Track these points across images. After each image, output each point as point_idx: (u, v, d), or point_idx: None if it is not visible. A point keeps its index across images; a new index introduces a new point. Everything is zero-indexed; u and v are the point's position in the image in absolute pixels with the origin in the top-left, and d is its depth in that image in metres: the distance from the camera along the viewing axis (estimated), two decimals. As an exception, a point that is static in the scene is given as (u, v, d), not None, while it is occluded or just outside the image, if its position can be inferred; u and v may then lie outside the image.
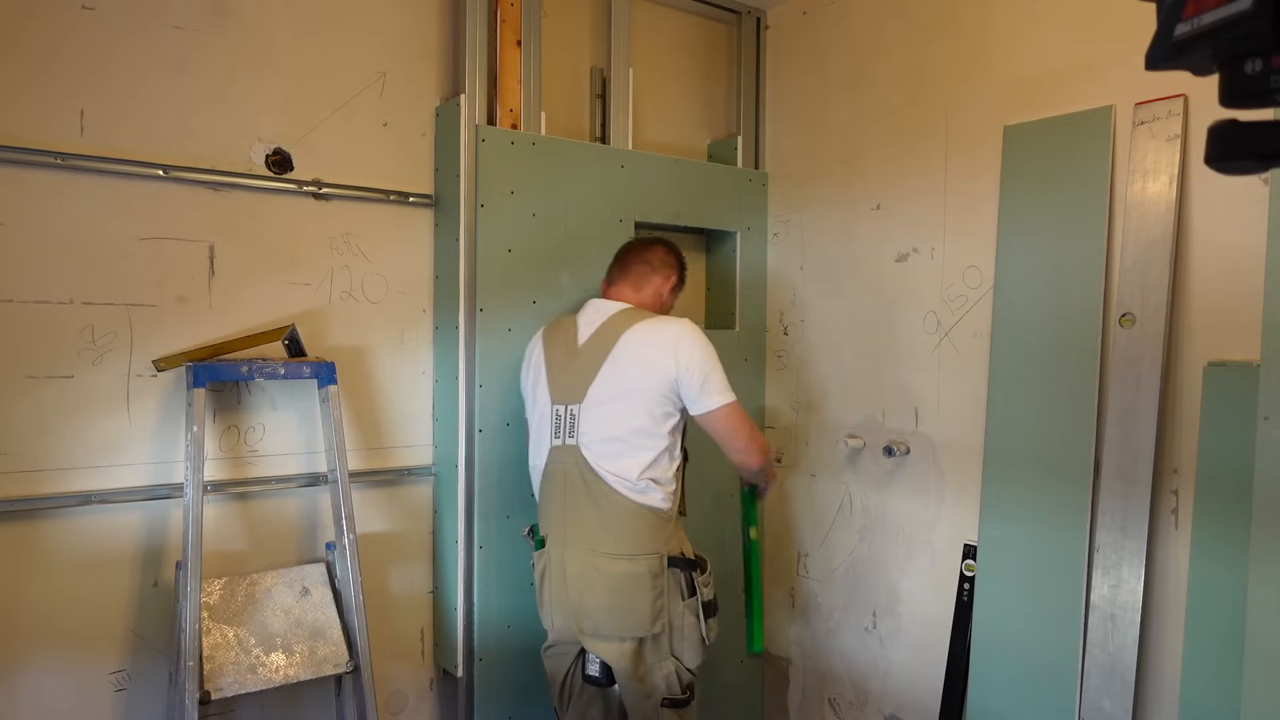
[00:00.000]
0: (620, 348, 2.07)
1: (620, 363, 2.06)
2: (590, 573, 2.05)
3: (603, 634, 2.05)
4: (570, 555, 2.08)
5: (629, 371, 2.05)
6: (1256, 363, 1.82)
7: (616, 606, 2.03)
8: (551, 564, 2.13)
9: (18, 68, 1.92)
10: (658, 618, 2.04)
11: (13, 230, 1.92)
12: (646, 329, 2.09)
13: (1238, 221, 1.90)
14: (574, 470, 2.09)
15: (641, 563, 2.03)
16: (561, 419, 2.12)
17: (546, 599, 2.15)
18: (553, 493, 2.14)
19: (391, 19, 2.42)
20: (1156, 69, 0.69)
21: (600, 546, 2.05)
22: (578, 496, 2.08)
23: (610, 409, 2.06)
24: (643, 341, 2.07)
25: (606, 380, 2.07)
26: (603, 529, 2.05)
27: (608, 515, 2.05)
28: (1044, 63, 2.26)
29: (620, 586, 2.02)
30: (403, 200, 2.43)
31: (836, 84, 2.84)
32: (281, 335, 2.23)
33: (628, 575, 2.02)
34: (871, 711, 2.73)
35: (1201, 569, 1.93)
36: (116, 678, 2.08)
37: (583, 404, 2.09)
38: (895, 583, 2.66)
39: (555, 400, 2.14)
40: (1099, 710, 2.08)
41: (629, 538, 2.03)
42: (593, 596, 2.04)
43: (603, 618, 2.05)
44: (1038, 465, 2.21)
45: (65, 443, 1.99)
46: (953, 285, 2.48)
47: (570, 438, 2.10)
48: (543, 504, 2.19)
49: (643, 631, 2.04)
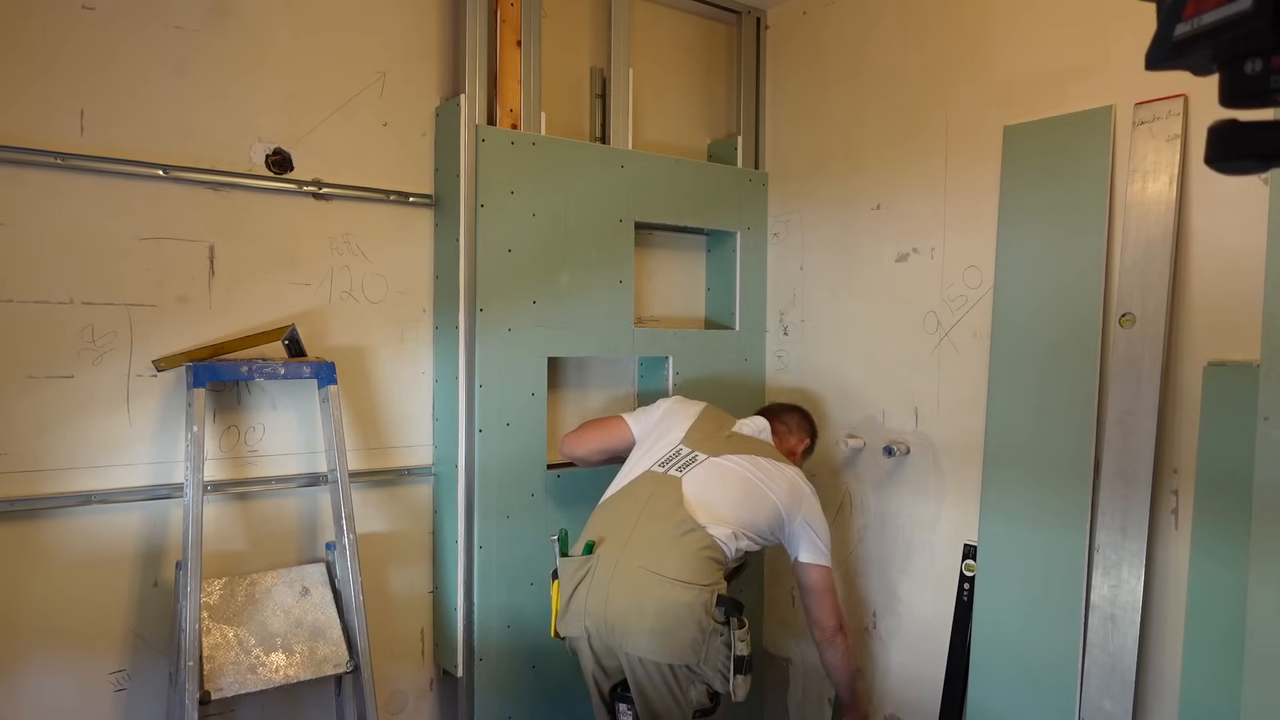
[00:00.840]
0: (771, 465, 2.24)
1: (763, 472, 2.21)
2: (641, 591, 2.01)
3: (641, 655, 2.00)
4: (622, 569, 2.04)
5: (765, 481, 2.19)
6: (1256, 363, 1.82)
7: (662, 631, 1.98)
8: (598, 572, 2.06)
9: (18, 68, 1.92)
10: (698, 649, 2.00)
11: (13, 230, 1.92)
12: (798, 477, 2.27)
13: (1238, 221, 1.90)
14: (664, 497, 2.12)
15: (695, 592, 2.00)
16: (680, 456, 2.22)
17: (577, 608, 2.08)
18: (627, 507, 2.14)
19: (391, 19, 2.42)
20: (1156, 69, 0.69)
21: (656, 567, 2.01)
22: (654, 517, 2.10)
23: (733, 475, 2.17)
24: (789, 480, 2.23)
25: (745, 462, 2.21)
26: (664, 551, 2.03)
27: (675, 538, 2.05)
28: (1044, 63, 2.26)
29: (670, 612, 1.99)
30: (403, 200, 2.43)
31: (836, 84, 2.84)
32: (281, 335, 2.23)
33: (680, 602, 1.99)
34: (871, 711, 2.73)
35: (1201, 569, 1.93)
36: (116, 678, 2.08)
37: (711, 457, 2.20)
38: (895, 583, 2.66)
39: (685, 443, 2.25)
40: (1099, 710, 2.08)
41: (689, 566, 2.02)
42: (640, 618, 2.00)
43: (646, 641, 1.99)
44: (1038, 465, 2.21)
45: (65, 443, 1.99)
46: (953, 285, 2.48)
47: (678, 471, 2.18)
48: (606, 513, 2.18)
49: (681, 660, 2.00)
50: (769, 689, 3.06)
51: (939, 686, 2.48)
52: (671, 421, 2.34)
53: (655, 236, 2.92)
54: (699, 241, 3.06)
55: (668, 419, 2.36)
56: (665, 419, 2.36)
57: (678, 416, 2.35)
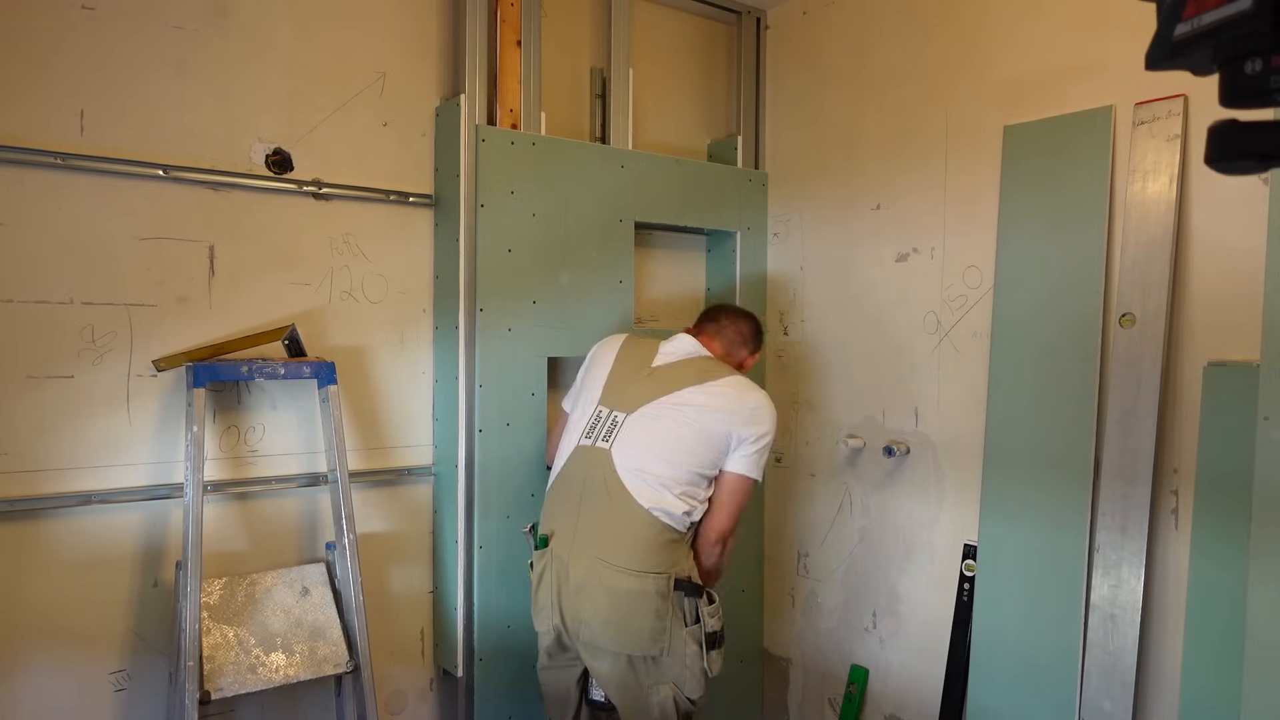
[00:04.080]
0: (698, 391, 2.07)
1: (692, 402, 2.05)
2: (594, 582, 1.99)
3: (599, 646, 2.01)
4: (575, 561, 2.02)
5: (698, 417, 2.03)
6: (1256, 363, 1.82)
7: (616, 621, 1.97)
8: (552, 566, 2.07)
9: (18, 68, 1.92)
10: (657, 639, 1.98)
11: (13, 230, 1.92)
12: (737, 386, 2.10)
13: (1238, 222, 1.90)
14: (597, 474, 2.04)
15: (649, 580, 1.97)
16: (601, 421, 2.09)
17: (543, 601, 2.10)
18: (568, 492, 2.09)
19: (391, 19, 2.42)
20: (1156, 69, 0.69)
21: (608, 557, 1.99)
22: (595, 500, 2.03)
23: (659, 428, 2.03)
24: (730, 395, 2.07)
25: (669, 405, 2.05)
26: (614, 539, 1.99)
27: (622, 525, 1.99)
28: (1044, 63, 2.26)
29: (622, 602, 1.97)
30: (403, 200, 2.43)
31: (836, 84, 2.84)
32: (281, 335, 2.23)
33: (632, 592, 1.96)
34: (871, 711, 2.73)
35: (1201, 569, 1.93)
36: (116, 678, 2.08)
37: (630, 414, 2.06)
38: (895, 583, 2.66)
39: (602, 402, 2.12)
40: (1099, 710, 2.08)
41: (640, 553, 1.97)
42: (593, 608, 1.99)
43: (600, 630, 1.99)
44: (1038, 465, 2.21)
45: (65, 443, 1.99)
46: (953, 285, 2.48)
47: (604, 441, 2.06)
48: (553, 501, 2.14)
49: (641, 650, 1.98)
50: (769, 689, 3.06)
51: (939, 686, 2.48)
52: (592, 376, 2.21)
53: (655, 236, 2.92)
54: (699, 241, 3.06)
55: (588, 375, 2.24)
56: (586, 375, 2.25)
57: (597, 369, 2.21)
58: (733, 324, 2.31)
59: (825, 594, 2.87)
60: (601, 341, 2.32)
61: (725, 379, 2.11)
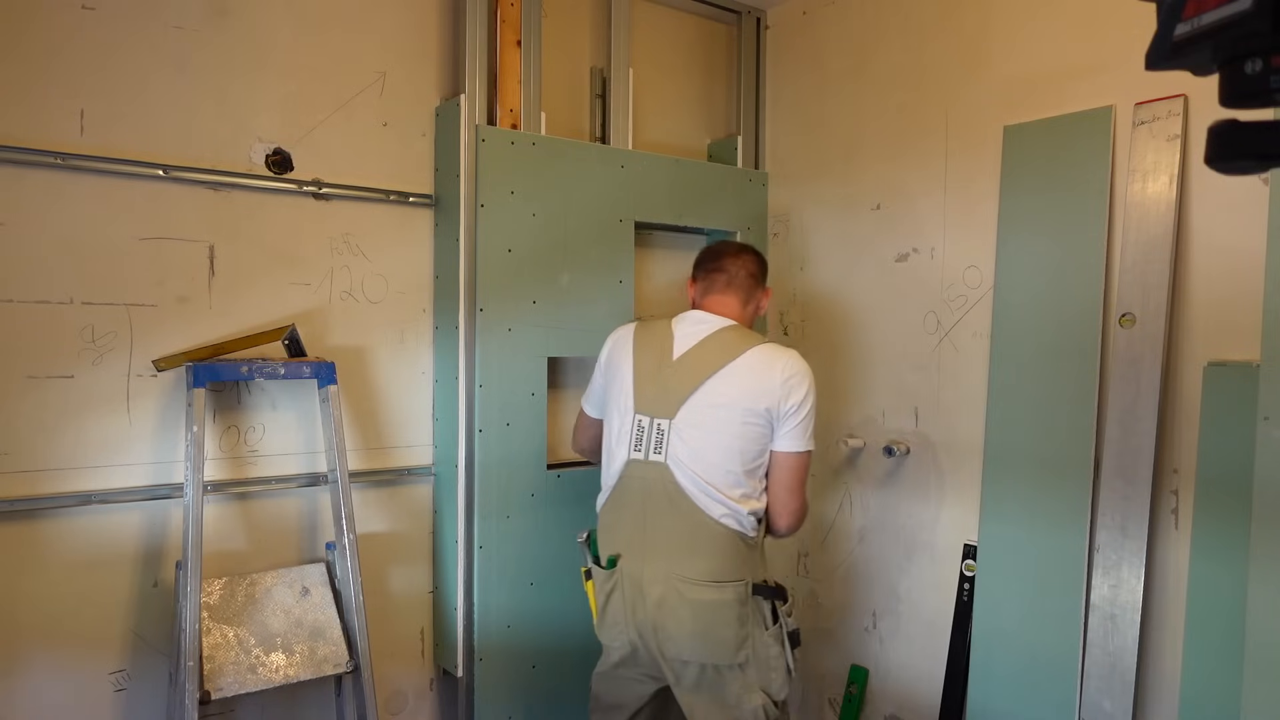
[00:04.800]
0: (729, 372, 1.94)
1: (726, 386, 1.94)
2: (674, 598, 1.93)
3: (684, 659, 1.96)
4: (650, 577, 1.95)
5: (732, 401, 1.93)
6: (1256, 363, 1.82)
7: (701, 632, 1.93)
8: (625, 584, 2.00)
9: (18, 68, 1.92)
10: (741, 647, 1.95)
11: (13, 230, 1.92)
12: (762, 358, 1.96)
13: (1238, 221, 1.90)
14: (658, 489, 1.95)
15: (729, 590, 1.92)
16: (645, 432, 1.98)
17: (615, 619, 2.02)
18: (629, 508, 2.00)
19: (391, 19, 2.42)
20: (1156, 69, 0.69)
21: (684, 571, 1.93)
22: (660, 516, 1.96)
23: (705, 436, 1.93)
24: (756, 370, 1.94)
25: (705, 408, 1.94)
26: (688, 553, 1.93)
27: (694, 539, 1.93)
28: (1044, 63, 2.26)
29: (705, 613, 1.92)
30: (403, 200, 2.43)
31: (836, 84, 2.84)
32: (281, 335, 2.23)
33: (713, 603, 1.91)
34: (871, 711, 2.73)
35: (1201, 569, 1.93)
36: (116, 678, 2.08)
37: (672, 421, 1.95)
38: (895, 583, 2.66)
39: (639, 410, 2.00)
40: (1099, 710, 2.08)
41: (716, 564, 1.92)
42: (675, 621, 1.93)
43: (687, 643, 1.94)
44: (1038, 465, 2.21)
45: (65, 443, 1.99)
46: (953, 285, 2.48)
47: (656, 454, 1.96)
48: (614, 518, 2.04)
49: (726, 659, 1.94)
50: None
51: (939, 686, 2.48)
52: (615, 378, 2.08)
53: (655, 236, 2.92)
54: (699, 241, 3.06)
55: (611, 377, 2.10)
56: (608, 376, 2.12)
57: (617, 370, 2.08)
58: (742, 266, 2.11)
59: (825, 594, 2.87)
60: (613, 338, 2.16)
61: (745, 354, 1.95)
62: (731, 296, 2.09)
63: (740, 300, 2.10)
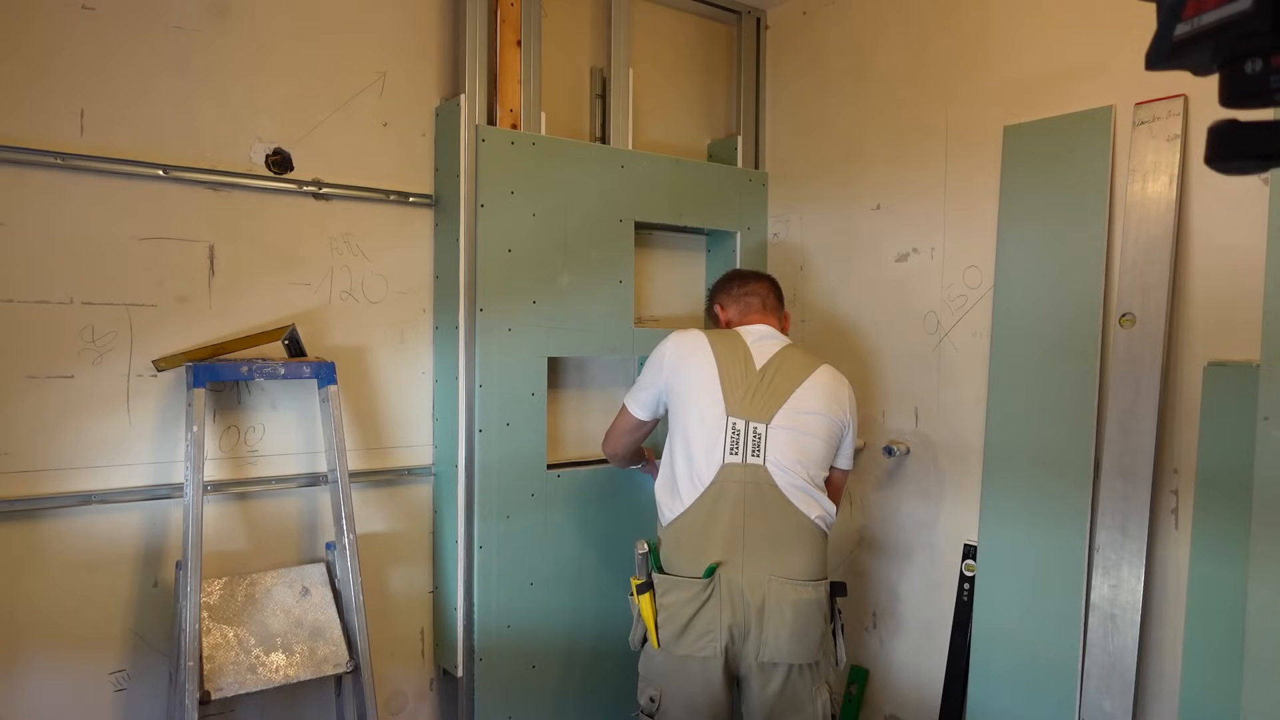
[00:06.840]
0: (812, 383, 2.10)
1: (812, 395, 2.08)
2: (775, 600, 1.97)
3: (776, 662, 1.98)
4: (750, 582, 1.98)
5: (820, 410, 2.08)
6: (1256, 363, 1.82)
7: (799, 633, 1.97)
8: (721, 590, 1.99)
9: (18, 68, 1.92)
10: (824, 642, 2.02)
11: (13, 230, 1.92)
12: (833, 375, 2.16)
13: (1238, 221, 1.90)
14: (755, 491, 2.01)
15: (821, 588, 2.02)
16: (741, 435, 2.03)
17: (708, 626, 1.98)
18: (724, 513, 2.01)
19: (391, 19, 2.42)
20: (1156, 69, 0.69)
21: (786, 572, 1.99)
22: (759, 518, 2.00)
23: (799, 439, 2.04)
24: (832, 386, 2.13)
25: (796, 413, 2.05)
26: (789, 554, 2.00)
27: (794, 539, 2.01)
28: (1044, 63, 2.26)
29: (804, 613, 1.98)
30: (403, 200, 2.43)
31: (836, 84, 2.84)
32: (281, 335, 2.23)
33: (810, 602, 1.99)
34: (871, 711, 2.73)
35: (1201, 569, 1.93)
36: (116, 678, 2.08)
37: (769, 425, 2.03)
38: (895, 582, 2.66)
39: (732, 414, 2.04)
40: (1099, 710, 2.08)
41: (811, 562, 2.02)
42: (776, 625, 1.96)
43: (785, 645, 1.96)
44: (1038, 465, 2.21)
45: (65, 443, 1.99)
46: (953, 285, 2.48)
47: (754, 456, 2.02)
48: (704, 523, 2.02)
49: (813, 657, 2.00)
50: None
51: (939, 686, 2.48)
52: (693, 384, 2.10)
53: (655, 236, 2.92)
54: (699, 241, 3.06)
55: (685, 382, 2.11)
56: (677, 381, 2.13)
57: (694, 375, 2.10)
58: (770, 290, 2.33)
59: (825, 594, 2.87)
60: (675, 342, 2.17)
61: (818, 371, 2.14)
62: (770, 317, 2.28)
63: (776, 322, 2.28)
